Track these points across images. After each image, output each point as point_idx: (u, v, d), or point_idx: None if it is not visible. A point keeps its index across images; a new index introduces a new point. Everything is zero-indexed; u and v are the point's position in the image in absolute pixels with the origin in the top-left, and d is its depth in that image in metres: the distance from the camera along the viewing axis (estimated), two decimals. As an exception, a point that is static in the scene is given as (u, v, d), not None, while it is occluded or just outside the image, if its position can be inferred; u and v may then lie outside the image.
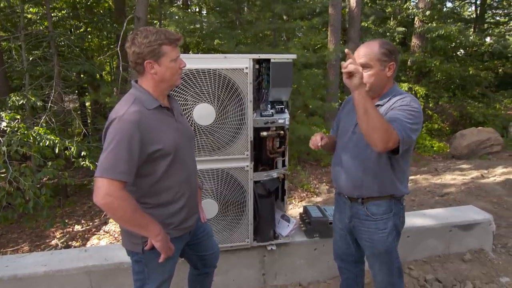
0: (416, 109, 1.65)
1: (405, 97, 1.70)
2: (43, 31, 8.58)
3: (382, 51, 1.69)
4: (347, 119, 1.90)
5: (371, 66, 1.70)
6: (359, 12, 10.14)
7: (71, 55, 8.64)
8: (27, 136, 4.88)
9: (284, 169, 2.55)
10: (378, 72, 1.70)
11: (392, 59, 1.71)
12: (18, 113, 6.41)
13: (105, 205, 1.38)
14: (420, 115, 1.66)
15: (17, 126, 4.96)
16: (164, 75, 1.53)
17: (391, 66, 1.72)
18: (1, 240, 6.48)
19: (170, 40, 1.50)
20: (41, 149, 4.95)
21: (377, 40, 1.75)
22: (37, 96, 6.89)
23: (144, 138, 1.45)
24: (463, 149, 8.66)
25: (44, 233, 6.54)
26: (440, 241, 2.97)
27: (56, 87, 7.24)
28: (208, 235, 1.94)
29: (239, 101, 2.25)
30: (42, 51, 8.18)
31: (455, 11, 13.38)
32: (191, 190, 1.70)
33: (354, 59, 1.52)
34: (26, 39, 7.67)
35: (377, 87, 1.74)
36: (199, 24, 9.22)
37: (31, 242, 6.34)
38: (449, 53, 12.20)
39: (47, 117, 6.66)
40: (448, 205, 4.74)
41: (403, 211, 1.88)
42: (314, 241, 2.69)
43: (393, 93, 1.75)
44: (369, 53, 1.70)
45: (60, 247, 5.87)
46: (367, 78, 1.70)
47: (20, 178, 4.28)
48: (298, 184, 7.08)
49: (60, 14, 10.62)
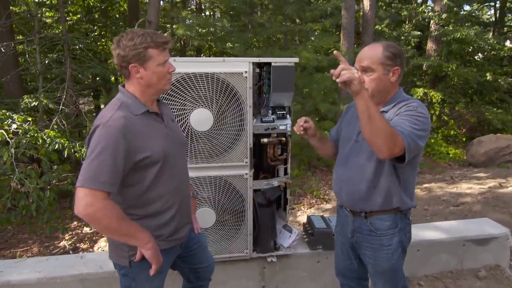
0: (423, 115, 1.53)
1: (411, 103, 1.58)
2: (57, 34, 8.72)
3: (386, 54, 1.57)
4: (349, 127, 1.79)
5: (374, 70, 1.58)
6: (373, 15, 9.95)
7: (85, 59, 8.76)
8: (35, 139, 4.91)
9: (286, 177, 2.44)
10: (381, 77, 1.59)
11: (396, 63, 1.59)
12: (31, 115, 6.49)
13: (87, 216, 1.30)
14: (427, 121, 1.54)
15: (27, 128, 5.00)
16: (151, 80, 1.45)
17: (395, 70, 1.60)
18: (12, 240, 6.54)
19: (156, 43, 1.41)
20: (48, 152, 4.97)
21: (382, 42, 1.62)
22: (49, 98, 6.97)
23: (130, 146, 1.37)
24: (481, 157, 8.35)
25: (54, 235, 6.58)
26: (452, 256, 2.80)
27: (68, 89, 7.32)
28: (202, 246, 1.84)
29: (238, 106, 2.16)
30: (56, 54, 8.30)
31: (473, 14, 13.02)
32: (182, 199, 1.61)
33: (345, 62, 1.41)
34: (41, 43, 7.79)
35: (380, 93, 1.62)
36: (213, 28, 9.20)
37: (40, 243, 6.38)
38: (466, 57, 11.85)
39: (58, 120, 6.72)
40: (464, 216, 4.53)
41: (409, 226, 1.74)
42: (317, 253, 2.57)
43: (399, 99, 1.63)
44: (372, 56, 1.58)
45: (68, 248, 5.89)
46: (369, 82, 1.59)
47: (26, 180, 4.29)
48: (308, 190, 6.94)
49: (75, 18, 10.79)
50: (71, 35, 8.45)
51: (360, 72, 1.61)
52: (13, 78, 7.70)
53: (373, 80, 1.58)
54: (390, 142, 1.42)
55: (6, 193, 4.21)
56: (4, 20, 7.10)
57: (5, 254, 5.96)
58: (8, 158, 4.62)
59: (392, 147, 1.43)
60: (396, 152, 1.45)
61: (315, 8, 8.08)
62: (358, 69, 1.62)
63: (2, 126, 4.69)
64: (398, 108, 1.59)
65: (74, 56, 8.95)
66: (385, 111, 1.62)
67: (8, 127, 4.72)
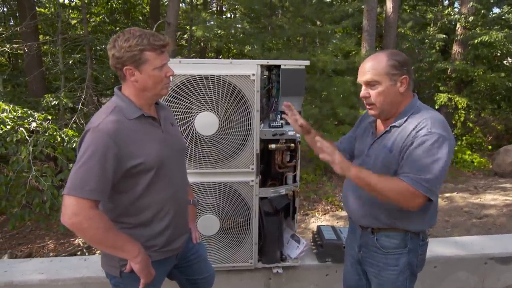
0: (439, 138, 1.37)
1: (423, 123, 1.41)
2: (80, 35, 8.91)
3: (391, 63, 1.43)
4: (362, 140, 1.67)
5: (379, 83, 1.44)
6: (396, 18, 9.68)
7: (106, 59, 8.91)
8: (53, 137, 4.99)
9: (295, 185, 2.34)
10: (388, 89, 1.44)
11: (403, 71, 1.45)
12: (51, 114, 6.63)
13: (72, 225, 1.24)
14: (444, 139, 1.37)
15: (47, 127, 5.09)
16: (146, 84, 1.36)
17: (403, 80, 1.45)
18: (30, 236, 6.70)
19: (153, 46, 1.32)
20: (65, 150, 5.04)
21: (385, 51, 1.49)
22: (69, 98, 7.11)
23: (121, 152, 1.30)
24: (507, 166, 7.94)
25: (69, 232, 6.69)
26: (473, 274, 2.61)
27: (88, 89, 7.45)
28: (201, 257, 1.75)
29: (244, 110, 2.08)
30: (79, 55, 8.47)
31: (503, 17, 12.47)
32: (179, 208, 1.53)
33: (320, 140, 1.40)
34: (63, 43, 7.98)
35: (390, 106, 1.48)
36: (233, 30, 9.18)
37: (56, 239, 6.50)
38: (493, 62, 11.35)
39: (77, 119, 6.84)
40: (487, 229, 4.29)
41: (422, 249, 1.58)
42: (326, 266, 2.45)
43: (411, 111, 1.48)
44: (375, 67, 1.44)
45: (82, 246, 5.96)
46: (376, 96, 1.45)
47: (41, 178, 4.35)
48: (323, 196, 6.78)
49: (98, 19, 11.02)
50: (93, 36, 8.61)
51: (364, 87, 1.49)
52: (37, 77, 7.91)
53: (380, 93, 1.45)
54: (405, 198, 1.37)
55: (22, 190, 4.28)
56: (28, 20, 7.30)
57: (23, 250, 6.10)
58: (26, 156, 4.71)
59: (408, 201, 1.38)
60: (419, 202, 1.38)
61: (335, 9, 7.92)
62: (361, 83, 1.50)
63: (23, 124, 4.79)
64: (409, 129, 1.43)
65: (95, 57, 9.13)
66: (396, 126, 1.49)
67: (28, 126, 4.82)
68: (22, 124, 4.80)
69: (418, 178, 1.35)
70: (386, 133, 1.52)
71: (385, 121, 1.56)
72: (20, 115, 4.74)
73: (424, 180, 1.35)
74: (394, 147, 1.46)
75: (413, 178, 1.36)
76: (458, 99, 9.84)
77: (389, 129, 1.51)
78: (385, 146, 1.49)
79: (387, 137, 1.51)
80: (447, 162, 1.37)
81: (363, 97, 1.50)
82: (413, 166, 1.37)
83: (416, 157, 1.38)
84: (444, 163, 1.36)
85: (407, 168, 1.39)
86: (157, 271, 1.47)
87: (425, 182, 1.35)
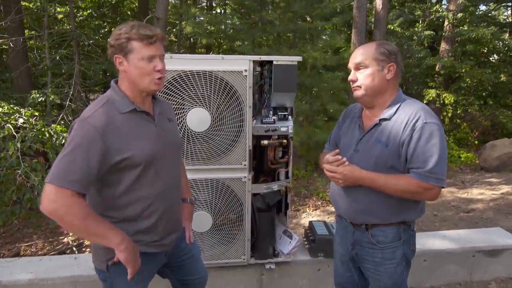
0: (435, 126, 1.43)
1: (417, 115, 1.45)
2: (66, 30, 8.74)
3: (380, 50, 1.49)
4: (348, 135, 1.67)
5: (367, 66, 1.50)
6: (385, 14, 9.74)
7: (93, 55, 8.76)
8: (42, 133, 4.90)
9: (287, 181, 2.34)
10: (375, 73, 1.49)
11: (391, 60, 1.49)
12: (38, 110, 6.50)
13: (50, 213, 1.23)
14: (439, 127, 1.44)
15: (34, 123, 4.99)
16: (132, 75, 1.35)
17: (391, 67, 1.50)
18: (17, 235, 6.58)
19: (140, 35, 1.31)
20: (54, 146, 4.96)
21: (377, 41, 1.56)
22: (56, 94, 6.98)
23: (108, 147, 1.28)
24: (494, 161, 8.10)
25: (59, 230, 6.59)
26: (461, 267, 2.67)
27: (76, 85, 7.32)
28: (194, 257, 1.72)
29: (237, 106, 2.07)
30: (66, 50, 8.31)
31: (489, 14, 12.65)
32: (169, 205, 1.50)
33: (330, 168, 1.54)
34: (50, 38, 7.81)
35: (374, 91, 1.51)
36: (222, 25, 9.11)
37: (45, 238, 6.39)
38: (480, 58, 11.53)
39: (65, 115, 6.73)
40: (474, 223, 4.37)
41: (413, 238, 1.63)
42: (318, 261, 2.46)
43: (399, 102, 1.52)
44: (365, 52, 1.51)
45: (71, 245, 5.89)
46: (363, 79, 1.50)
47: (31, 174, 4.28)
48: (314, 192, 6.81)
49: (85, 14, 10.81)
50: (80, 31, 8.46)
51: (353, 71, 1.54)
52: (23, 73, 7.73)
53: (367, 76, 1.50)
54: (420, 194, 1.45)
55: (12, 187, 4.20)
56: (13, 15, 7.12)
57: (10, 249, 5.99)
58: (14, 152, 4.62)
59: (424, 195, 1.46)
60: (435, 193, 1.45)
61: (325, 6, 7.92)
62: (351, 67, 1.55)
63: (9, 120, 4.69)
64: (404, 120, 1.46)
65: (83, 52, 8.96)
66: (387, 118, 1.50)
67: (15, 122, 4.72)
68: (9, 121, 4.71)
69: (426, 171, 1.42)
70: (376, 127, 1.53)
71: (372, 114, 1.57)
72: (6, 111, 4.65)
73: (432, 172, 1.41)
74: (390, 142, 1.47)
75: (422, 173, 1.42)
76: (445, 95, 9.98)
77: (378, 122, 1.52)
78: (379, 140, 1.50)
79: (378, 130, 1.52)
80: (446, 147, 1.45)
81: (351, 80, 1.55)
82: (418, 160, 1.43)
83: (419, 150, 1.42)
84: (445, 149, 1.44)
85: (413, 163, 1.44)
86: (145, 267, 1.44)
87: (434, 174, 1.41)
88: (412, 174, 1.44)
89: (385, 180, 1.46)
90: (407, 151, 1.45)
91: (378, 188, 1.48)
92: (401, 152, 1.46)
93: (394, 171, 1.48)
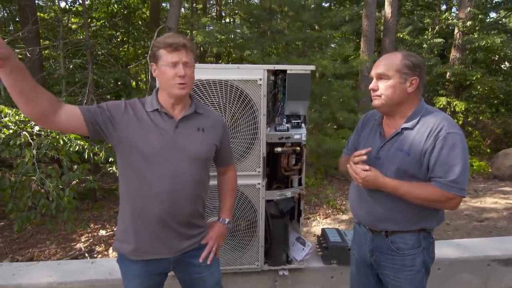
0: (458, 136, 1.45)
1: (440, 125, 1.46)
2: (80, 40, 8.95)
3: (404, 62, 1.48)
4: (368, 142, 1.68)
5: (389, 77, 1.50)
6: (395, 23, 9.78)
7: (107, 64, 8.94)
8: (57, 140, 5.01)
9: (300, 188, 2.37)
10: (397, 85, 1.49)
11: (415, 73, 1.49)
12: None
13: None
14: (462, 137, 1.46)
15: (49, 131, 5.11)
16: (160, 80, 1.50)
17: (413, 80, 1.50)
18: (30, 241, 6.68)
19: (165, 44, 1.45)
20: (69, 153, 5.07)
21: (403, 51, 1.54)
22: (70, 102, 7.13)
23: (114, 117, 1.48)
24: (507, 170, 8.00)
25: (71, 236, 6.69)
26: (476, 276, 2.64)
27: (89, 94, 7.47)
28: (203, 281, 1.62)
29: (251, 114, 2.11)
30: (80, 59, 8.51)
31: (500, 22, 12.59)
32: (164, 212, 1.48)
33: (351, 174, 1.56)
34: (64, 48, 8.01)
35: (394, 102, 1.52)
36: (232, 35, 9.25)
37: (58, 244, 6.49)
38: (491, 66, 11.45)
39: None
40: (488, 232, 4.32)
41: (433, 246, 1.63)
42: (331, 268, 2.47)
43: (421, 113, 1.52)
44: (388, 63, 1.51)
45: (84, 251, 5.96)
46: (384, 89, 1.51)
47: (46, 180, 4.37)
48: (324, 200, 6.80)
49: (98, 24, 11.07)
50: (94, 40, 8.65)
51: (375, 80, 1.55)
52: (38, 81, 7.75)
53: (388, 87, 1.50)
54: (442, 203, 1.46)
55: (27, 193, 4.30)
56: (30, 25, 7.34)
57: (24, 254, 6.08)
58: (30, 159, 4.73)
59: (446, 204, 1.47)
60: (456, 202, 1.46)
61: (334, 14, 7.99)
62: (373, 76, 1.55)
63: (26, 128, 4.81)
64: (427, 129, 1.47)
65: (96, 61, 9.15)
66: (409, 128, 1.52)
67: (31, 129, 4.84)
68: (25, 128, 4.82)
69: (448, 181, 1.42)
70: (398, 135, 1.54)
71: (392, 122, 1.58)
72: (23, 119, 4.77)
73: (454, 182, 1.42)
74: (412, 150, 1.48)
75: (444, 183, 1.43)
76: (456, 102, 9.92)
77: (400, 130, 1.53)
78: (401, 149, 1.51)
79: (400, 139, 1.53)
80: (468, 158, 1.46)
81: (372, 89, 1.56)
82: (441, 170, 1.44)
83: (442, 160, 1.43)
84: (467, 159, 1.44)
85: (436, 173, 1.45)
86: (131, 268, 1.56)
87: (457, 184, 1.42)
88: (435, 183, 1.45)
89: (407, 188, 1.46)
90: (429, 160, 1.46)
91: (401, 195, 1.48)
92: (423, 161, 1.47)
93: (415, 179, 1.49)
